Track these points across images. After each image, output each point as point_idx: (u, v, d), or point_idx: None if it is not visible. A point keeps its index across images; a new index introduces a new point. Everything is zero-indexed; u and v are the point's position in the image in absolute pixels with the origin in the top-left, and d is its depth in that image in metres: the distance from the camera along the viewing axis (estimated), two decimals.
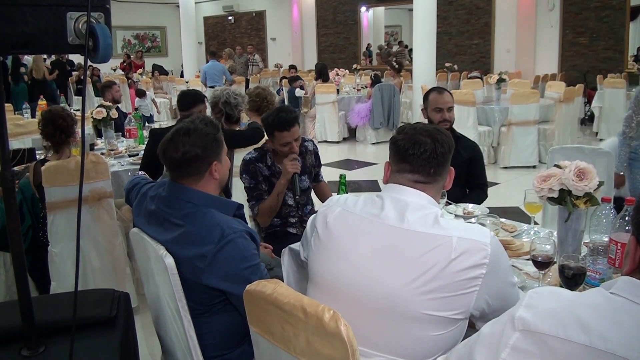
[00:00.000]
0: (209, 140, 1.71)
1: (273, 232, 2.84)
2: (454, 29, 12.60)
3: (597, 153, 2.89)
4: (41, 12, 1.30)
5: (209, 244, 1.61)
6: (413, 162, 1.44)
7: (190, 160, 1.69)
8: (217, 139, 1.75)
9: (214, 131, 1.74)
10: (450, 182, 1.55)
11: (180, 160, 1.69)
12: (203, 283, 1.63)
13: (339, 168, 6.87)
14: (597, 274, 1.67)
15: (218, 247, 1.60)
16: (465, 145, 2.92)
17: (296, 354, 1.26)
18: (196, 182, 1.73)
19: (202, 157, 1.70)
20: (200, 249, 1.61)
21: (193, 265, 1.62)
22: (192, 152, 1.68)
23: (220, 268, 1.61)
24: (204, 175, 1.73)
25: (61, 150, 3.13)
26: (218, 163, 1.75)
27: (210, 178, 1.74)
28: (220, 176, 1.77)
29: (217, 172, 1.75)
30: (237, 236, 1.62)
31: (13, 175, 1.46)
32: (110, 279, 3.05)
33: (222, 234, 1.61)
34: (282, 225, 2.83)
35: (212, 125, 1.76)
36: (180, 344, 1.70)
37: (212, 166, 1.73)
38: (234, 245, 1.61)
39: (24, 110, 6.55)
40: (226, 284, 1.62)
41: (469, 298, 1.30)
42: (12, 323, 1.54)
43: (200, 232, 1.63)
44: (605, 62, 10.37)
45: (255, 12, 17.34)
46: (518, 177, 6.28)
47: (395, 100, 8.51)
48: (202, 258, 1.61)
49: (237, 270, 1.61)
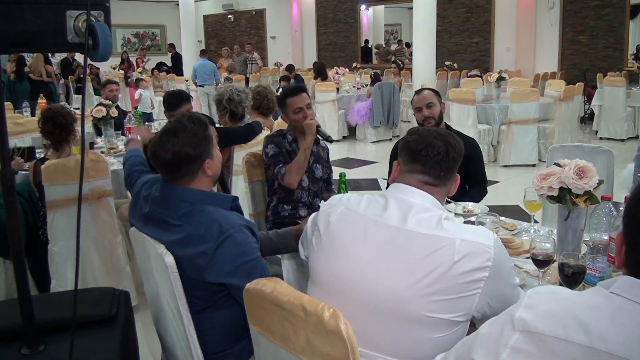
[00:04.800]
0: (198, 139, 1.69)
1: (281, 221, 2.82)
2: (454, 28, 12.59)
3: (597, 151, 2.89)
4: (41, 11, 1.30)
5: (208, 241, 1.61)
6: (425, 163, 1.45)
7: (182, 162, 1.67)
8: (207, 136, 1.72)
9: (203, 129, 1.72)
10: (455, 188, 1.55)
11: (171, 162, 1.66)
12: (206, 280, 1.63)
13: (339, 167, 6.85)
14: (596, 272, 1.67)
15: (217, 244, 1.60)
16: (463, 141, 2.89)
17: (296, 353, 1.26)
18: (190, 181, 1.71)
19: (194, 157, 1.68)
20: (200, 247, 1.61)
21: (194, 264, 1.62)
22: (183, 152, 1.65)
23: (221, 264, 1.61)
24: (197, 174, 1.71)
25: (61, 148, 3.13)
26: (210, 160, 1.73)
27: (203, 176, 1.73)
28: (213, 172, 1.75)
29: (209, 169, 1.73)
30: (236, 231, 1.62)
31: (13, 173, 1.46)
32: (110, 278, 3.05)
33: (220, 230, 1.61)
34: (291, 216, 2.82)
35: (199, 122, 1.72)
36: (180, 342, 1.70)
37: (205, 164, 1.71)
38: (233, 240, 1.61)
39: (24, 109, 6.55)
40: (228, 278, 1.63)
41: (471, 300, 1.29)
42: (12, 321, 1.54)
43: (198, 231, 1.63)
44: (605, 60, 10.37)
45: (255, 10, 17.32)
46: (518, 176, 6.28)
47: (395, 99, 8.50)
48: (203, 256, 1.61)
49: (237, 265, 1.62)
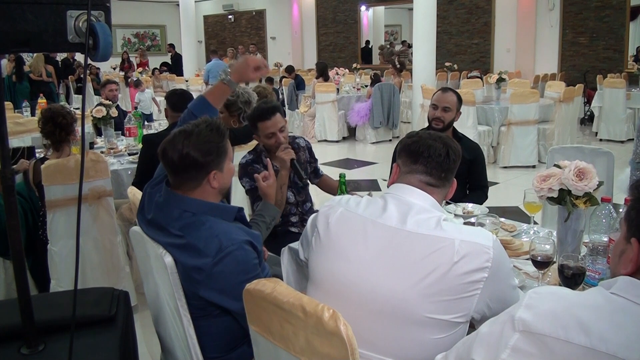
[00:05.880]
0: (211, 147, 1.62)
1: (274, 231, 2.82)
2: (454, 29, 12.59)
3: (596, 153, 2.89)
4: (41, 10, 1.30)
5: (206, 256, 1.55)
6: (427, 164, 1.46)
7: (188, 166, 1.61)
8: (220, 147, 1.65)
9: (219, 139, 1.64)
10: (452, 193, 1.56)
11: (177, 163, 1.61)
12: (200, 295, 1.60)
13: (339, 167, 6.86)
14: (596, 274, 1.67)
15: (215, 261, 1.55)
16: (467, 146, 2.91)
17: (295, 353, 1.26)
18: (193, 189, 1.65)
19: (201, 164, 1.61)
20: (198, 261, 1.56)
21: (190, 277, 1.58)
22: (191, 156, 1.59)
23: (217, 282, 1.56)
24: (201, 182, 1.64)
25: (61, 148, 3.13)
26: (218, 172, 1.65)
27: (207, 186, 1.65)
28: (219, 185, 1.67)
29: (216, 180, 1.65)
30: (236, 248, 1.56)
31: (13, 173, 1.46)
32: (110, 278, 3.05)
33: (219, 247, 1.55)
34: (283, 224, 2.81)
35: (217, 131, 1.65)
36: (180, 343, 1.70)
37: (211, 175, 1.64)
38: (232, 258, 1.55)
39: (24, 109, 6.55)
40: (222, 297, 1.58)
41: (471, 301, 1.29)
42: (11, 321, 1.55)
43: (197, 244, 1.57)
44: (605, 62, 10.37)
45: (255, 11, 17.33)
46: (517, 177, 6.28)
47: (395, 100, 8.50)
48: (199, 271, 1.56)
49: (234, 285, 1.54)
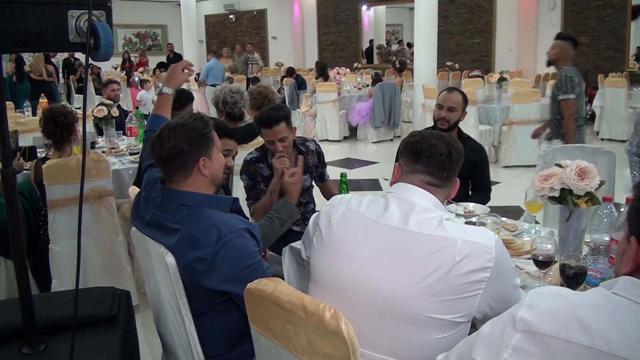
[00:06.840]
0: (195, 135, 1.68)
1: None
2: (455, 28, 12.58)
3: (598, 152, 2.89)
4: (42, 10, 1.30)
5: (206, 246, 1.58)
6: (429, 163, 1.45)
7: (176, 155, 1.66)
8: (206, 134, 1.71)
9: (203, 126, 1.71)
10: (454, 192, 1.56)
11: (166, 155, 1.67)
12: (205, 286, 1.61)
13: (340, 167, 6.86)
14: (598, 274, 1.67)
15: (216, 249, 1.58)
16: (472, 147, 2.91)
17: (297, 353, 1.26)
18: (185, 179, 1.69)
19: (187, 152, 1.67)
20: (199, 251, 1.59)
21: (193, 269, 1.60)
22: (177, 147, 1.65)
23: (220, 270, 1.59)
24: (191, 171, 1.69)
25: (62, 148, 3.13)
26: (207, 159, 1.71)
27: (198, 175, 1.70)
28: (210, 173, 1.72)
29: (206, 169, 1.70)
30: (235, 235, 1.60)
31: (14, 172, 1.46)
32: (111, 277, 3.05)
33: (219, 235, 1.59)
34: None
35: (201, 120, 1.73)
36: (181, 342, 1.70)
37: (200, 162, 1.69)
38: (232, 245, 1.59)
39: (25, 108, 6.55)
40: (228, 285, 1.61)
41: (472, 301, 1.29)
42: (13, 321, 1.54)
43: (196, 235, 1.61)
44: (606, 61, 10.36)
45: (256, 10, 17.33)
46: (519, 176, 6.27)
47: (396, 99, 8.50)
48: (202, 261, 1.59)
49: (237, 271, 1.59)
